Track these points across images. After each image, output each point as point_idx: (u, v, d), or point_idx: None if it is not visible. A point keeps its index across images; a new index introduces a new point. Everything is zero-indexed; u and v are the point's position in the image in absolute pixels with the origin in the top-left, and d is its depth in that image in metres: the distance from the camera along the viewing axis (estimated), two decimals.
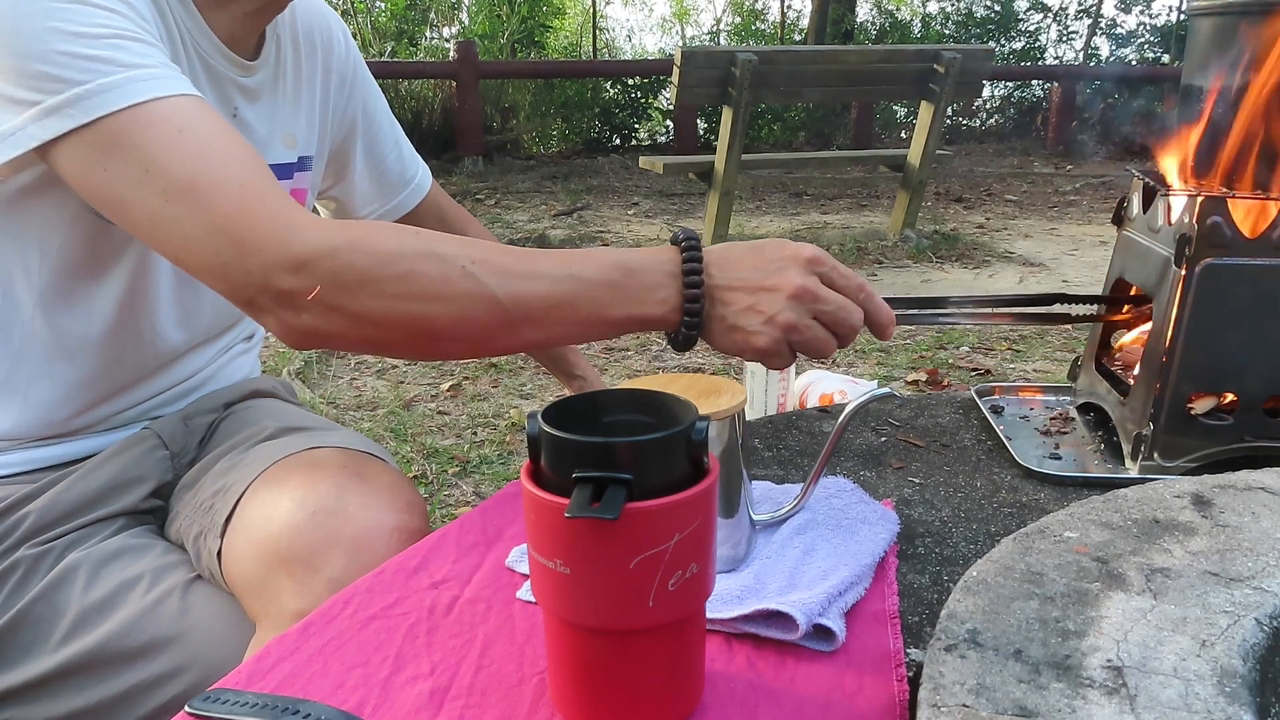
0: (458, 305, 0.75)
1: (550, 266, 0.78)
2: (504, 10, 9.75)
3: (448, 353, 0.83)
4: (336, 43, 1.12)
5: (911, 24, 12.97)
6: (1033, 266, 4.95)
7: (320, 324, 0.75)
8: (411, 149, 1.25)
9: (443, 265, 0.75)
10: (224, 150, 0.77)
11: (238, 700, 0.59)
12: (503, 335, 0.78)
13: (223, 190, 0.75)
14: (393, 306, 0.74)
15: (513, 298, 0.76)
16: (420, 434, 2.76)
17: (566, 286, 0.77)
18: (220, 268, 0.75)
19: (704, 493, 0.54)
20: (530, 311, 0.76)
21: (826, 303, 0.78)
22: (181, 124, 0.76)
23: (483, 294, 0.75)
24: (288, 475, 0.89)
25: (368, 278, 0.74)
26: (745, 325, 0.77)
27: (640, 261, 0.79)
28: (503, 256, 0.77)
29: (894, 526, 0.81)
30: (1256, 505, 0.69)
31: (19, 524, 0.92)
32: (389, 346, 0.81)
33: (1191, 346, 0.94)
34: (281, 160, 1.04)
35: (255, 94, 1.00)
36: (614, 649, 0.56)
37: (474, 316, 0.75)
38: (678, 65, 4.70)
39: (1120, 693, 0.48)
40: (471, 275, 0.75)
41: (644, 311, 0.78)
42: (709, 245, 0.79)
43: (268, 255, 0.73)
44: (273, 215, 0.75)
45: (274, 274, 0.73)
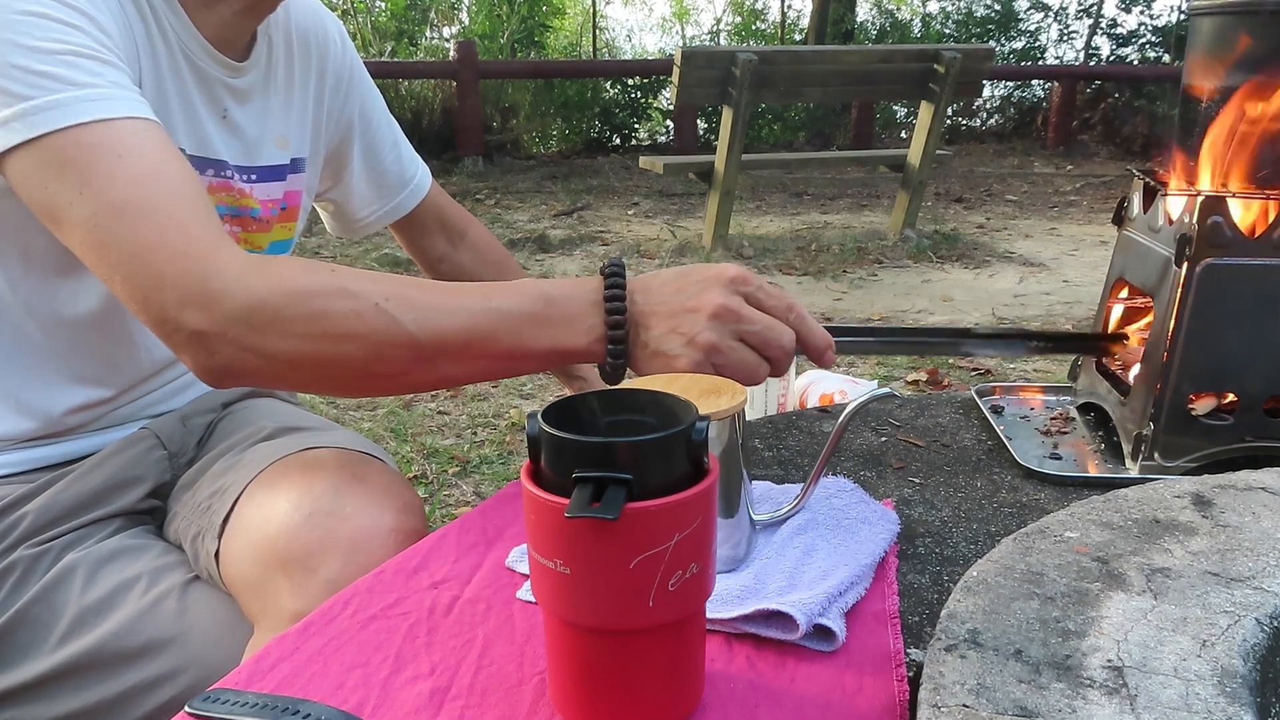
0: (371, 342, 0.75)
1: (470, 300, 0.77)
2: (504, 10, 9.75)
3: (365, 389, 0.83)
4: (332, 43, 1.11)
5: (911, 24, 12.97)
6: (1033, 266, 4.95)
7: (233, 362, 0.75)
8: (411, 150, 1.24)
9: (355, 302, 0.75)
10: (160, 178, 0.77)
11: (238, 700, 0.59)
12: (419, 371, 0.77)
13: (149, 219, 0.75)
14: (306, 346, 0.74)
15: (428, 333, 0.75)
16: (420, 434, 2.76)
17: (486, 319, 0.76)
18: (141, 299, 0.75)
19: (704, 493, 0.54)
20: (447, 346, 0.76)
21: (751, 322, 0.76)
22: (123, 148, 0.76)
23: (396, 330, 0.75)
24: (285, 476, 0.89)
25: (280, 317, 0.74)
26: (667, 349, 0.77)
27: (562, 291, 0.79)
28: (419, 292, 0.77)
29: (894, 526, 0.81)
30: (1257, 505, 0.69)
31: (16, 524, 0.92)
32: (305, 384, 0.82)
33: (1192, 346, 0.94)
34: (274, 161, 1.04)
35: (245, 95, 1.00)
36: (614, 649, 0.56)
37: (388, 353, 0.75)
38: (678, 65, 4.71)
39: (1121, 693, 0.48)
40: (385, 312, 0.75)
41: (567, 342, 0.77)
42: (645, 273, 0.79)
43: (182, 292, 0.73)
44: (192, 250, 0.75)
45: (186, 311, 0.74)
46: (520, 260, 4.97)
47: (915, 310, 4.08)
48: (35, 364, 0.95)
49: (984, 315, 4.00)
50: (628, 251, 5.18)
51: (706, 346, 0.76)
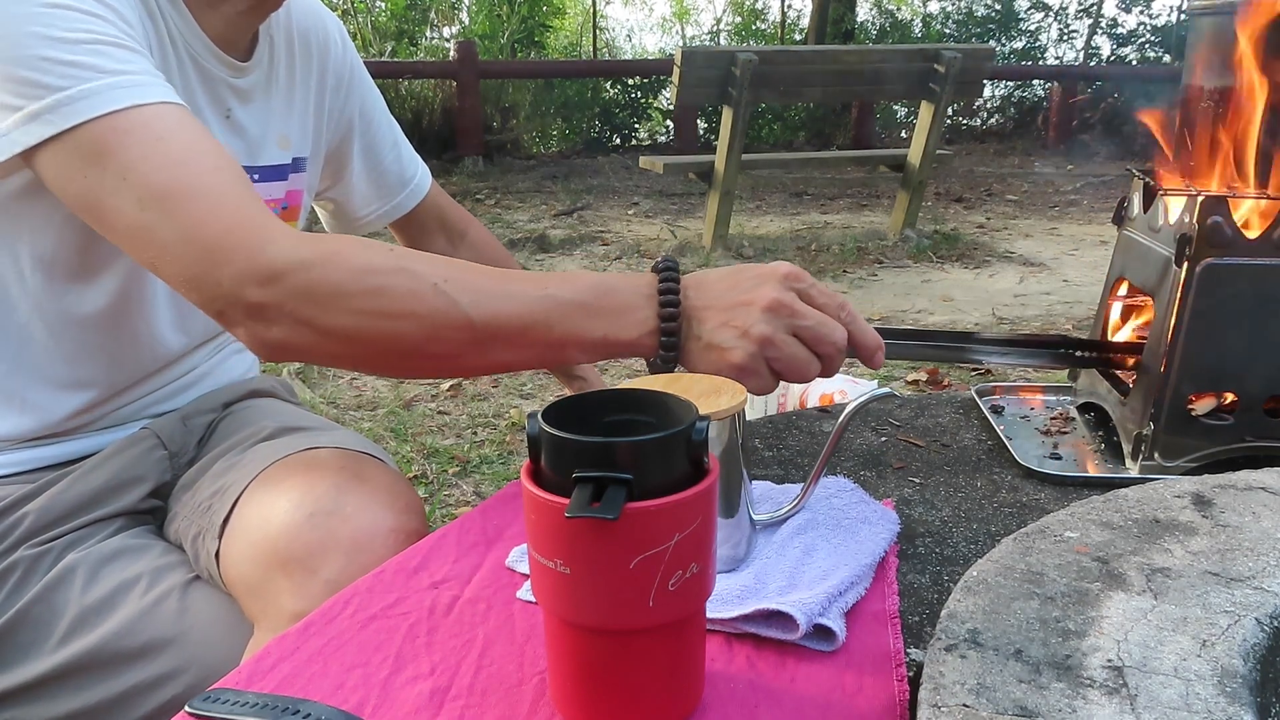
0: (428, 322, 0.75)
1: (526, 287, 0.77)
2: (504, 10, 9.75)
3: (417, 370, 0.83)
4: (333, 44, 1.11)
5: (911, 24, 12.97)
6: (1033, 266, 4.95)
7: (290, 337, 0.75)
8: (411, 150, 1.24)
9: (414, 281, 0.75)
10: (202, 159, 0.77)
11: (238, 700, 0.59)
12: (473, 354, 0.77)
13: (199, 198, 0.75)
14: (363, 322, 0.74)
15: (485, 316, 0.75)
16: (420, 434, 2.76)
17: (541, 306, 0.76)
18: (193, 278, 0.75)
19: (704, 493, 0.54)
20: (502, 330, 0.76)
21: (804, 317, 0.76)
22: (161, 132, 0.76)
23: (454, 312, 0.75)
24: (285, 476, 0.89)
25: (339, 292, 0.74)
26: (721, 342, 0.76)
27: (617, 283, 0.79)
28: (477, 276, 0.77)
29: (894, 526, 0.81)
30: (1257, 505, 0.69)
31: (17, 524, 0.92)
32: (359, 362, 0.81)
33: (1192, 346, 0.94)
34: (276, 161, 1.04)
35: (248, 95, 1.00)
36: (614, 649, 0.56)
37: (444, 334, 0.75)
38: (678, 65, 4.70)
39: (1121, 693, 0.48)
40: (443, 293, 0.75)
41: (620, 334, 0.77)
42: (698, 268, 0.78)
43: (239, 266, 0.73)
44: (246, 226, 0.75)
45: (245, 286, 0.73)
46: (520, 260, 4.97)
47: (915, 310, 4.08)
48: (41, 364, 0.95)
49: (984, 315, 4.00)
50: (628, 251, 5.18)
51: (760, 339, 0.75)
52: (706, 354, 0.77)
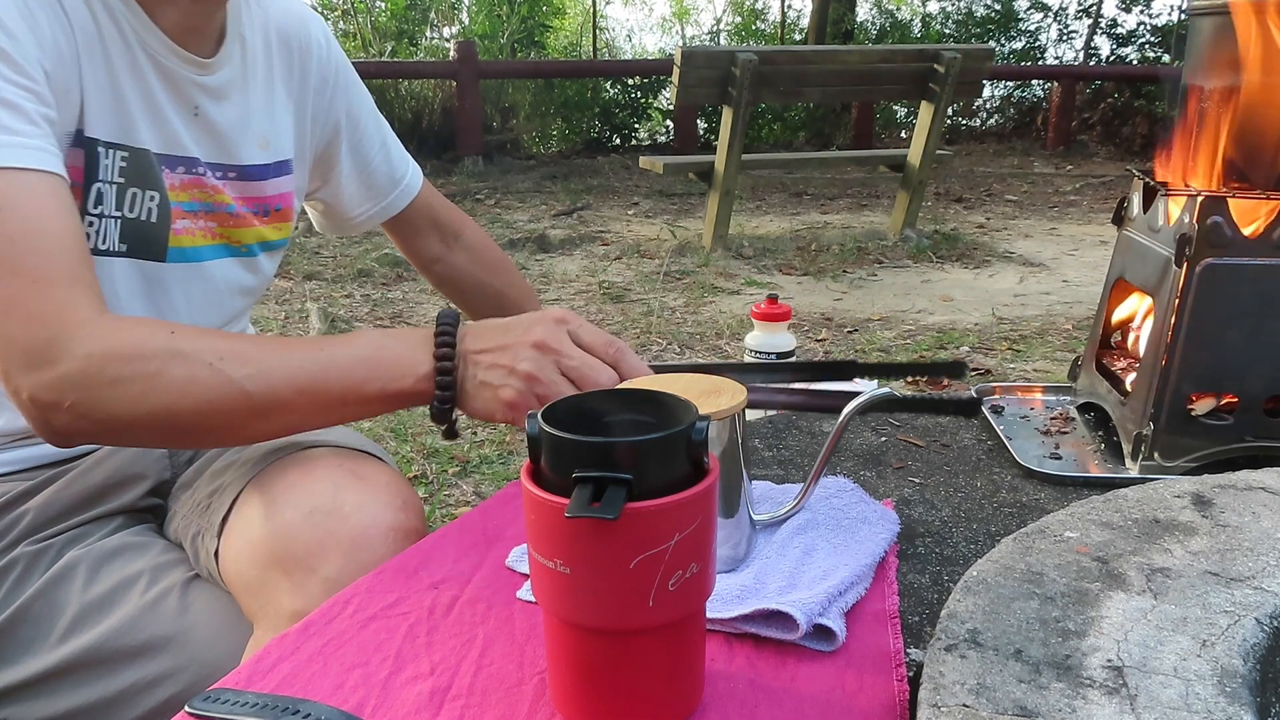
0: (204, 400, 0.78)
1: (303, 350, 0.82)
2: (504, 10, 9.75)
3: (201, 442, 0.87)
4: (316, 45, 1.11)
5: (911, 24, 12.97)
6: (1033, 266, 4.95)
7: (72, 426, 0.78)
8: (401, 150, 1.24)
9: (187, 364, 0.78)
10: (34, 237, 0.78)
11: (238, 700, 0.59)
12: (255, 423, 0.81)
13: (15, 280, 0.77)
14: (139, 408, 0.77)
15: (260, 387, 0.79)
16: (420, 434, 2.76)
17: (317, 367, 0.80)
18: None
19: (704, 493, 0.54)
20: (279, 397, 0.79)
21: (570, 357, 0.80)
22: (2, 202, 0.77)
23: (229, 387, 0.78)
24: (283, 475, 0.89)
25: (114, 381, 0.76)
26: (492, 380, 0.80)
27: (396, 338, 0.83)
28: (253, 347, 0.81)
29: (894, 526, 0.81)
30: (1257, 505, 0.69)
31: (17, 521, 0.92)
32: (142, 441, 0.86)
33: (1191, 346, 0.94)
34: (256, 161, 1.03)
35: (221, 93, 0.99)
36: (614, 649, 0.56)
37: (222, 409, 0.79)
38: (678, 65, 4.70)
39: (1120, 693, 0.48)
40: (218, 370, 0.78)
41: (396, 384, 0.81)
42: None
43: (24, 357, 0.76)
44: (45, 315, 0.77)
45: (33, 387, 0.76)
46: (520, 260, 4.97)
47: (915, 310, 4.08)
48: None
49: (984, 315, 4.00)
50: (628, 251, 5.18)
51: (526, 375, 0.79)
52: (480, 392, 0.81)
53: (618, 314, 3.99)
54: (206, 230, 1.00)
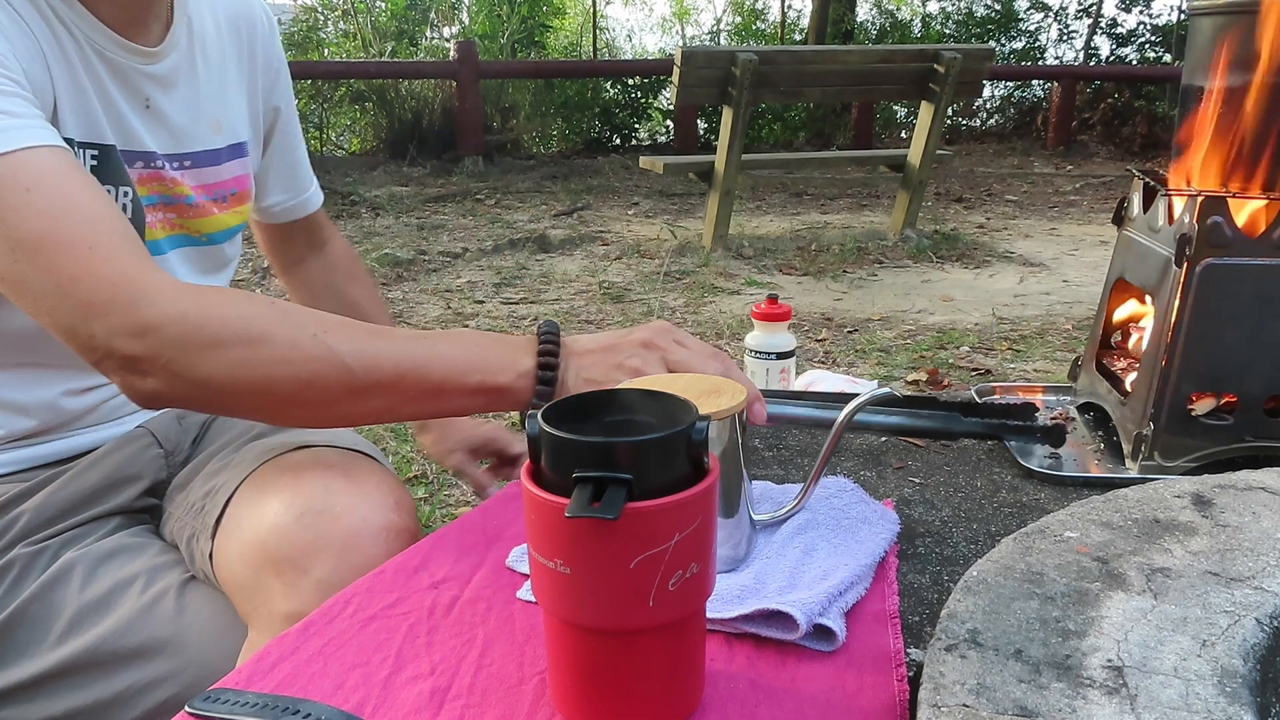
0: (305, 370, 0.76)
1: (405, 336, 0.81)
2: (504, 10, 9.74)
3: (292, 418, 0.84)
4: (260, 27, 1.11)
5: (911, 24, 12.96)
6: (1033, 266, 4.95)
7: (164, 388, 0.76)
8: (309, 162, 1.26)
9: (293, 330, 0.77)
10: (73, 208, 0.77)
11: (238, 700, 0.59)
12: (350, 402, 0.79)
13: (69, 252, 0.75)
14: (237, 372, 0.76)
15: (363, 363, 0.77)
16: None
17: (421, 353, 0.79)
18: (67, 329, 0.76)
19: (704, 493, 0.54)
20: (380, 378, 0.78)
21: (676, 353, 0.81)
22: (30, 181, 0.76)
23: (331, 359, 0.76)
24: (276, 476, 0.89)
25: (214, 343, 0.75)
26: (597, 376, 0.81)
27: (498, 336, 0.84)
28: (356, 327, 0.80)
29: (894, 526, 0.81)
30: (1257, 505, 0.69)
31: (14, 523, 0.92)
32: (234, 409, 0.83)
33: (1191, 346, 0.94)
34: (209, 146, 1.03)
35: (169, 81, 0.98)
36: (614, 649, 0.56)
37: (321, 382, 0.77)
38: (678, 65, 4.70)
39: (1121, 693, 0.48)
40: (321, 342, 0.77)
41: (498, 379, 0.80)
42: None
43: (113, 320, 0.74)
44: (120, 278, 0.75)
45: (118, 339, 0.74)
46: (520, 260, 4.97)
47: (915, 310, 4.08)
48: (12, 363, 0.94)
49: (984, 315, 4.00)
50: (628, 251, 5.18)
51: (633, 370, 0.79)
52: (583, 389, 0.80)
53: (618, 314, 3.99)
54: (166, 222, 1.00)
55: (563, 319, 3.90)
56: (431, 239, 5.49)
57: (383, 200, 6.64)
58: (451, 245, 5.31)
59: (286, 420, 0.85)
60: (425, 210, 6.46)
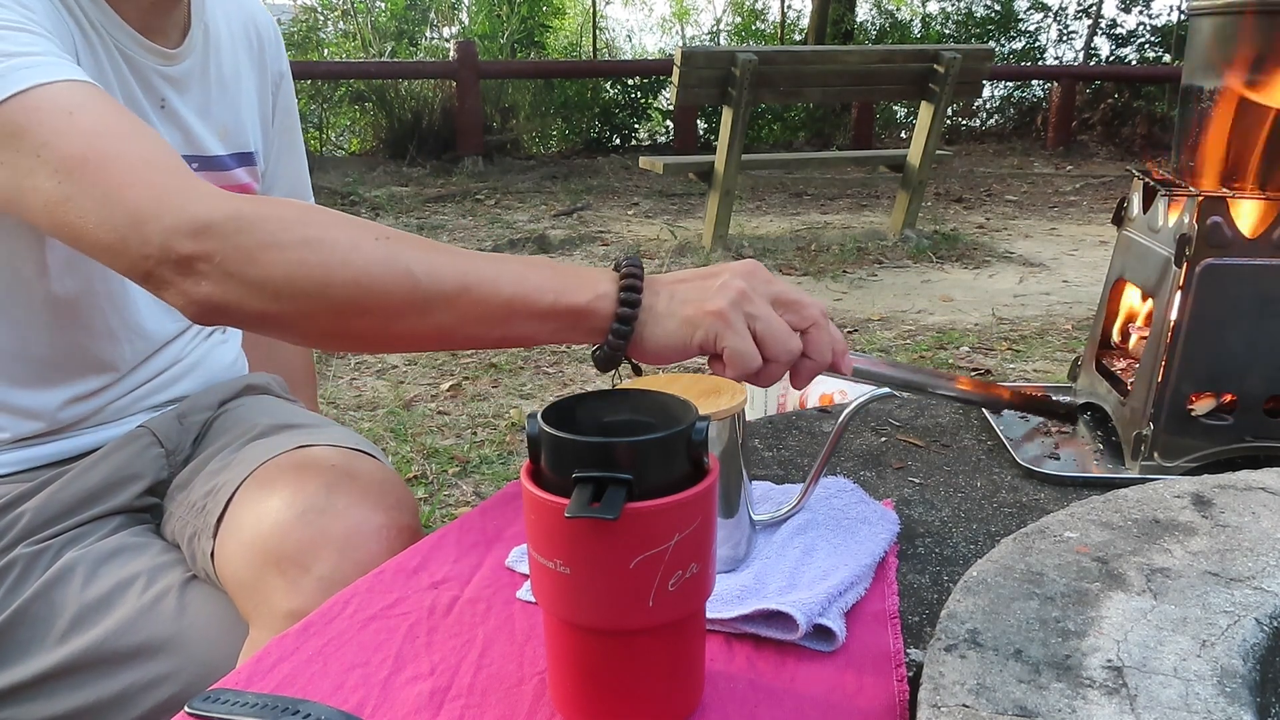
0: (367, 274, 0.71)
1: (474, 254, 0.74)
2: (504, 10, 9.74)
3: (351, 335, 0.77)
4: (269, 38, 1.12)
5: (911, 24, 12.96)
6: (1033, 266, 4.95)
7: (218, 292, 0.71)
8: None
9: (355, 231, 0.72)
10: (117, 128, 0.76)
11: (238, 700, 0.59)
12: (412, 315, 0.72)
13: (115, 162, 0.73)
14: (296, 272, 0.70)
15: (427, 271, 0.71)
16: (420, 434, 2.76)
17: (490, 266, 0.72)
18: (118, 240, 0.72)
19: (704, 493, 0.54)
20: (444, 290, 0.71)
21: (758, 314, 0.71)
22: (71, 106, 0.75)
23: (394, 264, 0.71)
24: (277, 475, 0.89)
25: (273, 242, 0.70)
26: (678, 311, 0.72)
27: (577, 266, 0.76)
28: (420, 240, 0.74)
29: (894, 526, 0.81)
30: (1256, 505, 0.69)
31: (15, 522, 0.92)
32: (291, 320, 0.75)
33: (1191, 346, 0.94)
34: (217, 152, 1.03)
35: (183, 84, 0.99)
36: (614, 649, 0.56)
37: (383, 288, 0.71)
38: (678, 65, 4.70)
39: (1120, 693, 0.48)
40: (384, 244, 0.71)
41: (574, 299, 0.71)
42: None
43: (166, 220, 0.70)
44: (169, 185, 0.73)
45: (173, 238, 0.70)
46: None
47: (915, 310, 4.08)
48: (14, 367, 0.94)
49: (984, 315, 4.00)
50: (628, 251, 5.18)
51: (714, 312, 0.70)
52: (660, 323, 0.72)
53: None
54: None
55: None
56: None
57: (382, 200, 6.64)
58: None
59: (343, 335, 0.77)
60: (425, 210, 6.46)
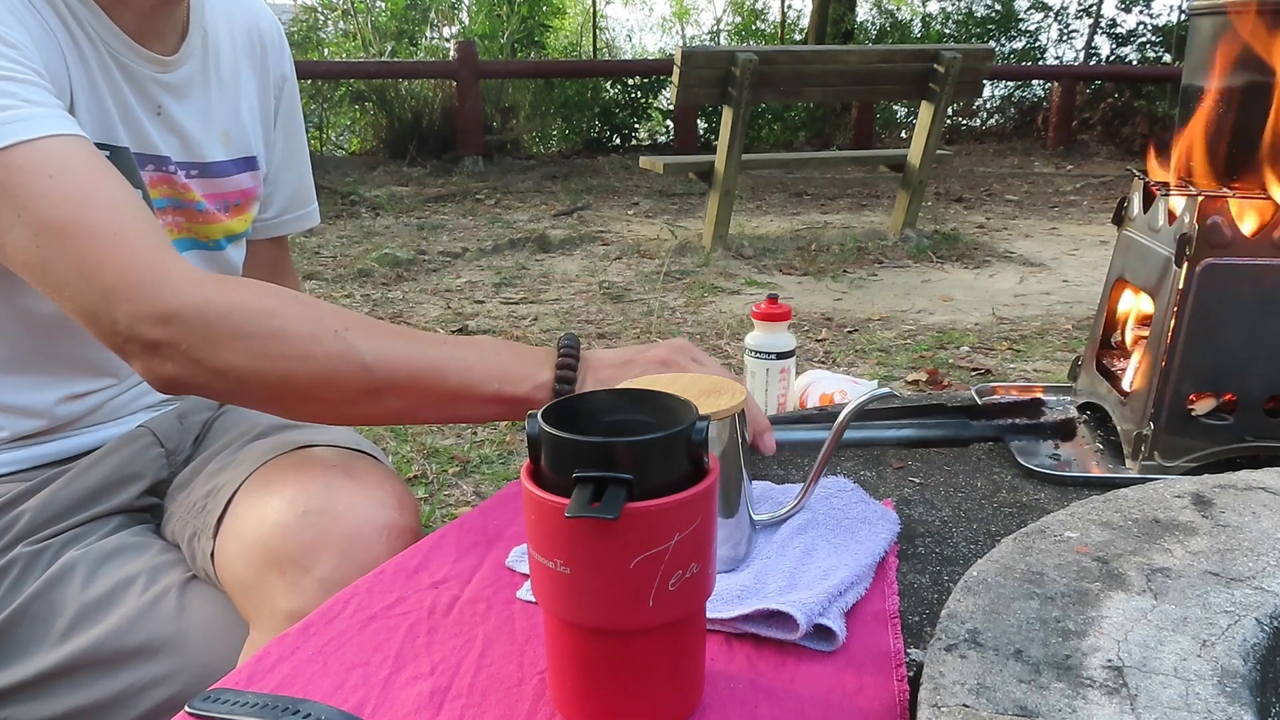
0: (325, 366, 0.77)
1: (425, 339, 0.82)
2: (504, 10, 9.74)
3: (307, 413, 0.85)
4: (271, 42, 1.11)
5: (911, 24, 12.96)
6: (1033, 266, 4.95)
7: (183, 374, 0.77)
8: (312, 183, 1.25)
9: (315, 325, 0.77)
10: (97, 195, 0.77)
11: (238, 700, 0.59)
12: (365, 401, 0.80)
13: (93, 236, 0.76)
14: (258, 363, 0.76)
15: (381, 363, 0.78)
16: (420, 434, 2.76)
17: (439, 357, 0.80)
18: (90, 314, 0.76)
19: (704, 493, 0.54)
20: (396, 379, 0.79)
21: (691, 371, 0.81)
22: (54, 168, 0.76)
23: (351, 356, 0.77)
24: (278, 475, 0.89)
25: (237, 333, 0.75)
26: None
27: (518, 347, 0.85)
28: (377, 326, 0.81)
29: (894, 526, 0.81)
30: (1257, 505, 0.69)
31: (15, 522, 0.93)
32: (251, 400, 0.83)
33: (1191, 346, 0.94)
34: (219, 158, 1.03)
35: (182, 90, 0.99)
36: (614, 649, 0.56)
37: (339, 379, 0.78)
38: (678, 65, 4.70)
39: (1121, 693, 0.48)
40: (343, 339, 0.77)
41: (515, 390, 0.81)
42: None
43: (136, 305, 0.75)
44: (143, 264, 0.76)
45: (141, 324, 0.75)
46: (520, 260, 4.97)
47: (915, 310, 4.08)
48: (10, 366, 0.94)
49: (984, 315, 4.00)
50: (628, 251, 5.18)
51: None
52: None
53: (618, 314, 3.99)
54: (175, 225, 1.00)
55: (562, 319, 3.90)
56: (431, 239, 5.49)
57: (382, 200, 6.64)
58: (451, 245, 5.31)
59: (301, 415, 0.86)
60: (425, 210, 6.46)
